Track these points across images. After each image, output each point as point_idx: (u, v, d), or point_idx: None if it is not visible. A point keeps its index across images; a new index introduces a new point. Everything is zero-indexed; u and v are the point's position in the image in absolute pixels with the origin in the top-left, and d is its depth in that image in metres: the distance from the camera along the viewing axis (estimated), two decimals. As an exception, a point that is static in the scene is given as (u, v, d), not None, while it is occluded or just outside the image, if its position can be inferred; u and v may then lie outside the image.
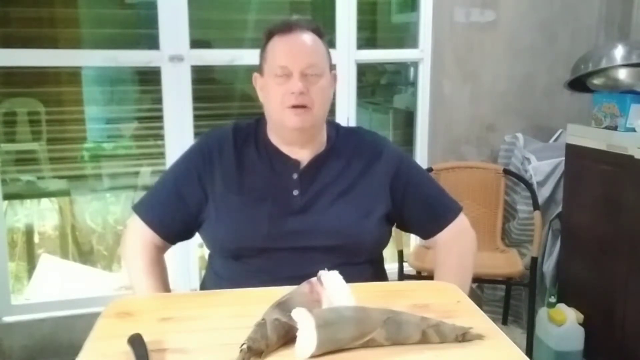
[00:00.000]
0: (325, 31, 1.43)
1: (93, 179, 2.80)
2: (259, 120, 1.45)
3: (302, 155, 1.40)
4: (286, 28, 1.36)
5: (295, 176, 1.39)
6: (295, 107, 1.33)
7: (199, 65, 2.59)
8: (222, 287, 1.33)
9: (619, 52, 2.26)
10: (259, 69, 1.41)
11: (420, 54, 2.85)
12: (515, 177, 2.72)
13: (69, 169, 2.75)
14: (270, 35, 1.38)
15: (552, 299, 2.45)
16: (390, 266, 2.18)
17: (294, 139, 1.39)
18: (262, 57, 1.40)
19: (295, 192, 1.38)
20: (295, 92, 1.32)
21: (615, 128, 2.25)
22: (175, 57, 2.52)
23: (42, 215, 3.27)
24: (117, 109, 2.79)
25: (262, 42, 1.40)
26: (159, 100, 2.56)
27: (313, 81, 1.34)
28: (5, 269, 2.50)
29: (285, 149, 1.41)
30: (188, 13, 2.50)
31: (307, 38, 1.36)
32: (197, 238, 1.47)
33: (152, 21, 2.50)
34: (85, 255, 3.24)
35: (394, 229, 1.50)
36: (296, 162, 1.40)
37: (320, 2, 2.97)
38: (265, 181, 1.39)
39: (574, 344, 2.37)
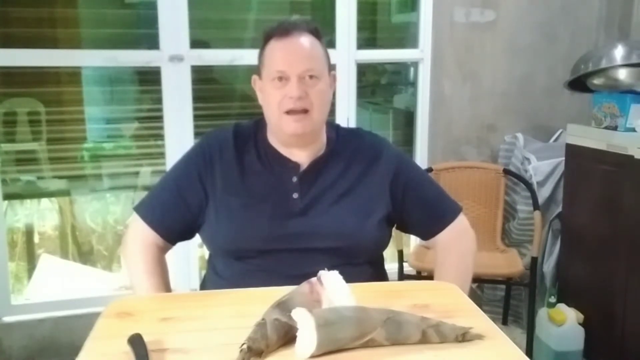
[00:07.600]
0: (325, 31, 1.42)
1: (93, 179, 2.79)
2: (259, 122, 1.45)
3: (302, 157, 1.40)
4: (284, 31, 1.35)
5: (294, 179, 1.39)
6: (294, 112, 1.32)
7: (199, 65, 2.59)
8: (222, 287, 1.33)
9: (619, 52, 2.26)
10: (257, 71, 1.41)
11: (420, 54, 2.85)
12: (515, 177, 2.72)
13: (69, 169, 2.74)
14: (268, 37, 1.37)
15: (552, 299, 2.45)
16: (390, 266, 2.18)
17: (292, 142, 1.39)
18: (260, 60, 1.39)
19: (295, 195, 1.37)
20: (293, 97, 1.31)
21: (615, 128, 2.25)
22: (175, 57, 2.52)
23: (42, 215, 3.27)
24: (117, 109, 2.79)
25: (260, 44, 1.39)
26: (159, 100, 2.56)
27: (311, 84, 1.33)
28: (5, 269, 2.50)
29: (284, 152, 1.41)
30: (188, 13, 2.50)
31: (305, 41, 1.35)
32: (197, 238, 1.47)
33: (152, 21, 2.50)
34: (85, 255, 3.24)
35: (394, 229, 1.50)
36: (296, 165, 1.40)
37: (320, 2, 2.97)
38: (265, 183, 1.39)
39: (574, 344, 2.37)
